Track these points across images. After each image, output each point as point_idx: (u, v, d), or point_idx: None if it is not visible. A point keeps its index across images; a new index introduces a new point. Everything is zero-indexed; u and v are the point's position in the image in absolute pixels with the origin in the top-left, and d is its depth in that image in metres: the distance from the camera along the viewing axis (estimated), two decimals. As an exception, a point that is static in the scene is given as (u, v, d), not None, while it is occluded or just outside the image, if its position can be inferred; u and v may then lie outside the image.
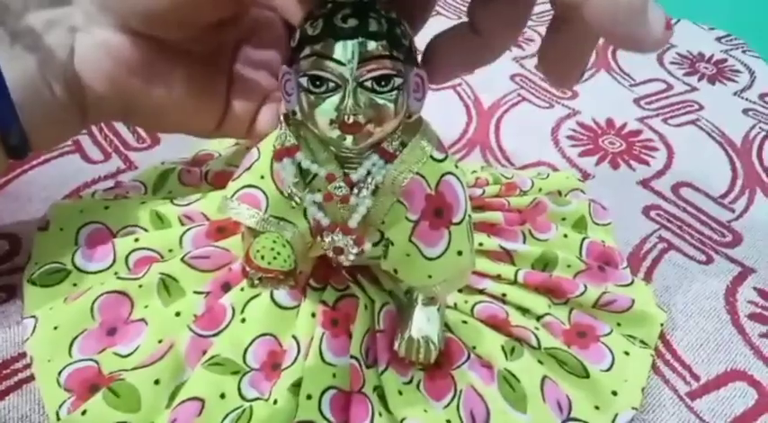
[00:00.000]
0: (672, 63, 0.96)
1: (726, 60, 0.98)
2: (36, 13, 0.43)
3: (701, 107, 0.86)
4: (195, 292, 0.51)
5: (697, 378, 0.52)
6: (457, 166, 0.46)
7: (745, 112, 0.86)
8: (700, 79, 0.93)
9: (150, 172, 0.65)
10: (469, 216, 0.46)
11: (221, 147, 0.68)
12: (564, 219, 0.62)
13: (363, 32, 0.38)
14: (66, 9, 0.44)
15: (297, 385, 0.47)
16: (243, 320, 0.49)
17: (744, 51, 1.00)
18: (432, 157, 0.44)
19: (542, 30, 1.05)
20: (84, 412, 0.44)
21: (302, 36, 0.39)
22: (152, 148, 0.71)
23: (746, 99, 0.89)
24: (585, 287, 0.55)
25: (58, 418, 0.45)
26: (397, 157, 0.42)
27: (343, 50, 0.38)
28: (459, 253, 0.45)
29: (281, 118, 0.42)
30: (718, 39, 1.04)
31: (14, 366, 0.49)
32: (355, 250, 0.45)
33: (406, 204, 0.44)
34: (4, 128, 0.43)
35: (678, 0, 1.09)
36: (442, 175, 0.44)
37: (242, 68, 0.52)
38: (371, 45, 0.38)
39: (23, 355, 0.49)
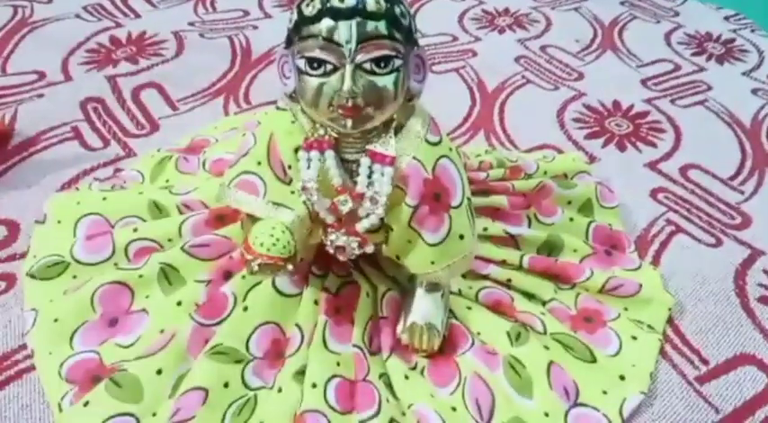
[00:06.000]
0: (679, 43, 0.95)
1: (734, 40, 0.96)
2: None
3: (710, 87, 0.85)
4: (196, 281, 0.50)
5: (706, 362, 0.52)
6: (451, 149, 0.45)
7: (754, 92, 0.85)
8: (708, 59, 0.91)
9: (147, 160, 0.65)
10: (468, 199, 0.46)
11: (217, 132, 0.68)
12: (570, 202, 0.61)
13: (361, 12, 0.37)
14: None
15: (301, 373, 0.46)
16: (245, 309, 0.48)
17: (752, 30, 0.99)
18: (427, 140, 0.43)
19: (547, 11, 1.04)
20: (86, 403, 0.44)
21: (299, 17, 0.39)
22: (151, 134, 0.71)
23: (755, 79, 0.87)
24: (592, 272, 0.55)
25: (61, 410, 0.45)
26: (395, 160, 0.42)
27: (341, 31, 0.37)
28: (461, 237, 0.45)
29: (302, 105, 0.42)
30: (727, 18, 1.02)
31: (15, 357, 0.49)
32: (358, 251, 0.45)
33: (404, 189, 0.43)
34: None
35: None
36: (438, 159, 0.43)
37: None
38: (370, 25, 0.38)
39: (24, 346, 0.49)
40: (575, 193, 0.62)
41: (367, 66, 0.38)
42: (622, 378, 0.49)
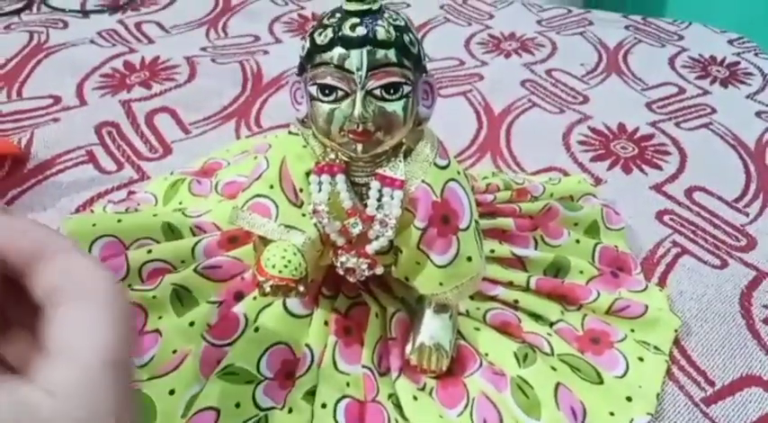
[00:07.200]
0: (684, 66, 0.96)
1: (738, 63, 0.97)
2: None
3: (714, 110, 0.86)
4: (208, 302, 0.51)
5: (712, 384, 0.52)
6: (459, 172, 0.46)
7: (759, 114, 0.85)
8: (712, 82, 0.92)
9: (160, 183, 0.66)
10: (476, 221, 0.47)
11: (229, 155, 0.69)
12: (576, 224, 0.62)
13: (372, 41, 0.38)
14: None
15: (311, 394, 0.47)
16: (256, 329, 0.49)
17: (756, 54, 1.00)
18: (435, 164, 0.44)
19: (553, 35, 1.05)
20: None
21: (311, 45, 0.40)
22: (164, 158, 0.72)
23: (759, 102, 0.88)
24: (598, 293, 0.55)
25: (74, 429, 0.45)
26: (405, 184, 0.43)
27: (352, 59, 0.39)
28: (469, 259, 0.45)
29: (313, 130, 0.43)
30: (731, 41, 1.03)
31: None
32: (368, 273, 0.46)
33: (413, 212, 0.44)
34: None
35: (690, 2, 1.09)
36: (446, 182, 0.44)
37: None
38: (380, 53, 0.39)
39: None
40: (581, 215, 0.62)
41: (377, 92, 0.39)
42: (629, 399, 0.49)
